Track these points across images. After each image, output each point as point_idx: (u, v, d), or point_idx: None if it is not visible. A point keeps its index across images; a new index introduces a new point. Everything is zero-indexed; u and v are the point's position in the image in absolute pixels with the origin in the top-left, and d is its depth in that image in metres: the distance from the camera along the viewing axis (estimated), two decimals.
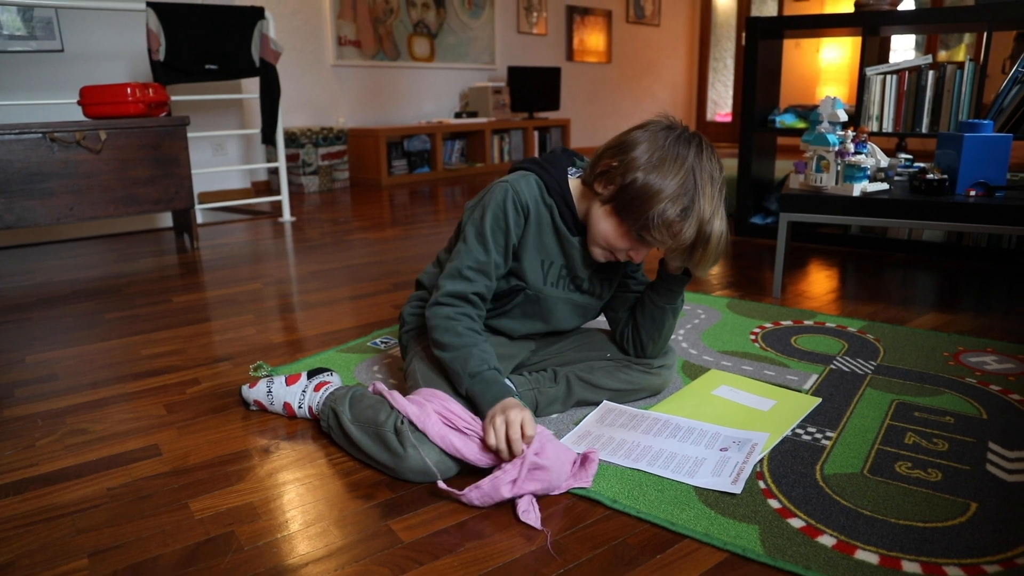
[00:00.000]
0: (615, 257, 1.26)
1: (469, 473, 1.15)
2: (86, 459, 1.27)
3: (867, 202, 2.03)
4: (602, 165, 1.21)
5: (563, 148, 1.36)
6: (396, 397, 1.18)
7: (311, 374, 1.41)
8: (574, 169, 1.32)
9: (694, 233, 1.16)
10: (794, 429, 1.31)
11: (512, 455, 1.08)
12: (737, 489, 1.10)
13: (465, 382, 1.20)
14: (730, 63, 8.65)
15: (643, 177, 1.15)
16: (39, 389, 1.59)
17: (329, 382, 1.39)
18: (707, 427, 1.30)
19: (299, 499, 1.12)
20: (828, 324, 1.91)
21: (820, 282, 2.39)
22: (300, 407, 1.38)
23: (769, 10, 8.13)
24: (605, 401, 1.41)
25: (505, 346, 1.38)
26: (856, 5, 2.90)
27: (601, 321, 1.54)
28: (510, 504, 1.09)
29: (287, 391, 1.39)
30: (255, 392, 1.43)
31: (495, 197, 1.25)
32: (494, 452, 1.11)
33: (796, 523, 1.02)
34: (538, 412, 1.36)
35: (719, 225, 1.17)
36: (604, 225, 1.22)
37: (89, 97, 2.81)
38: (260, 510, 1.10)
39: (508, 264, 1.28)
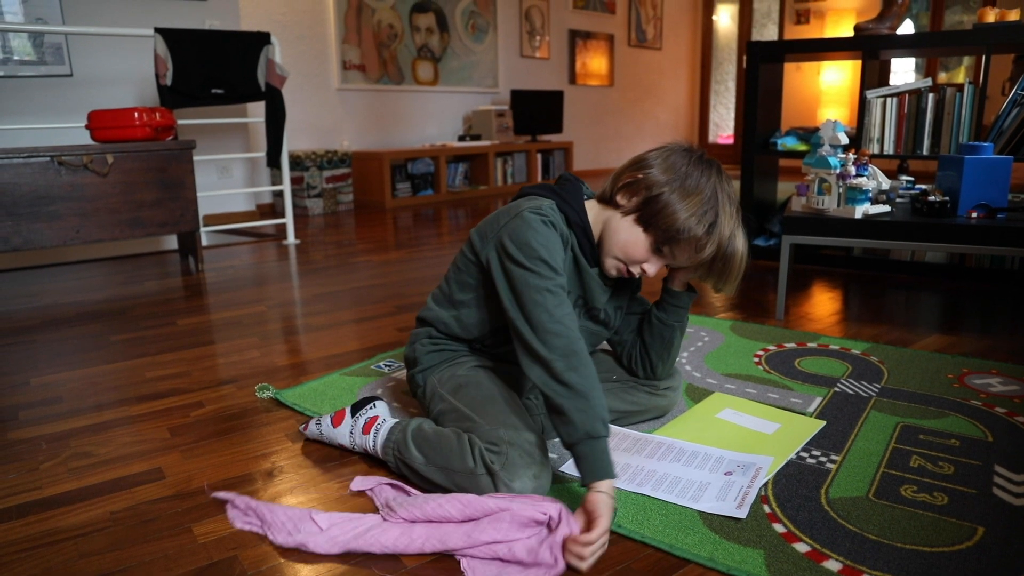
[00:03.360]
0: (627, 272, 1.25)
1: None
2: (89, 482, 1.27)
3: (869, 224, 2.04)
4: (626, 177, 1.23)
5: (571, 174, 1.35)
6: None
7: (355, 410, 1.34)
8: (584, 196, 1.31)
9: (714, 250, 1.19)
10: (799, 452, 1.30)
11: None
12: (742, 514, 1.09)
13: (581, 441, 1.06)
14: (731, 86, 8.72)
15: (670, 191, 1.18)
16: (43, 411, 1.59)
17: (376, 417, 1.31)
18: (711, 451, 1.30)
19: None
20: (832, 346, 1.91)
21: (823, 304, 2.39)
22: (354, 447, 1.32)
23: (770, 34, 8.21)
24: (609, 426, 1.40)
25: (514, 380, 1.36)
26: (856, 29, 2.93)
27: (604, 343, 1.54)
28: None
29: (336, 433, 1.34)
30: (310, 433, 1.39)
31: (530, 225, 1.16)
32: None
33: (802, 548, 1.02)
34: (547, 435, 1.35)
35: (741, 243, 1.21)
36: (625, 236, 1.22)
37: (97, 121, 2.85)
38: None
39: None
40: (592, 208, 1.28)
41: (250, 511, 1.13)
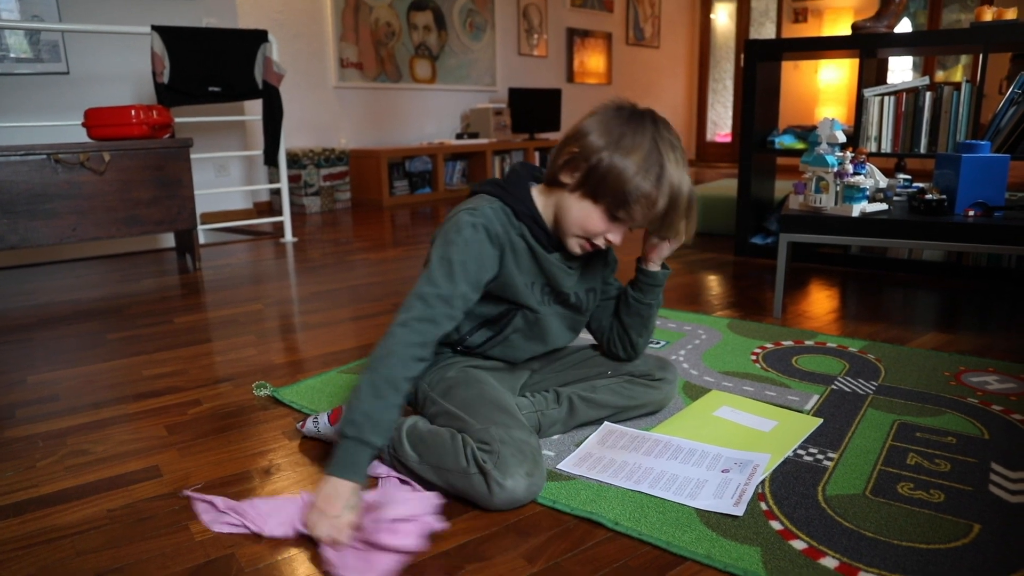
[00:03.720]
0: (591, 246, 1.25)
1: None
2: (86, 480, 1.26)
3: (866, 222, 2.04)
4: (564, 155, 1.21)
5: (522, 163, 1.35)
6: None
7: None
8: (533, 183, 1.30)
9: (667, 202, 1.18)
10: (795, 450, 1.31)
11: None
12: (739, 511, 1.09)
13: (344, 426, 1.09)
14: (729, 84, 8.73)
15: (609, 155, 1.16)
16: (40, 409, 1.59)
17: None
18: (708, 448, 1.30)
19: None
20: (829, 344, 1.91)
21: (821, 302, 2.39)
22: None
23: (768, 32, 8.21)
24: (606, 423, 1.41)
25: (506, 379, 1.37)
26: (853, 28, 2.93)
27: (588, 336, 1.53)
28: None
29: (333, 430, 1.34)
30: (308, 431, 1.39)
31: (463, 228, 1.19)
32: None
33: (798, 545, 1.02)
34: (541, 433, 1.35)
35: (688, 186, 1.20)
36: (577, 212, 1.21)
37: (94, 119, 2.84)
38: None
39: (478, 295, 1.23)
40: (541, 194, 1.27)
41: (230, 511, 1.12)
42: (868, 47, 2.78)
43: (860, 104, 2.78)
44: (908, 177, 2.55)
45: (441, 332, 1.18)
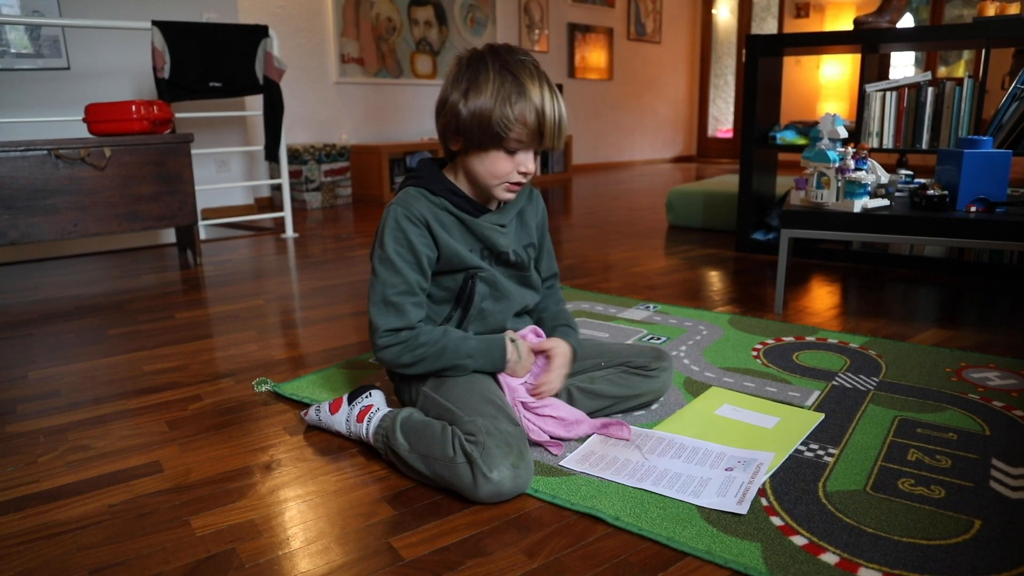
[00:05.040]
0: (515, 185, 1.30)
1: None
2: (87, 476, 1.27)
3: (868, 218, 2.04)
4: (439, 129, 1.31)
5: (424, 158, 1.42)
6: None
7: (351, 398, 1.37)
8: (439, 168, 1.38)
9: (535, 112, 1.22)
10: (797, 446, 1.31)
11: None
12: (743, 510, 1.09)
13: (467, 363, 1.28)
14: (731, 80, 8.71)
15: (465, 105, 1.23)
16: (41, 405, 1.59)
17: (371, 406, 1.33)
18: (712, 447, 1.30)
19: (300, 516, 1.12)
20: (830, 340, 1.91)
21: (822, 298, 2.39)
22: (350, 434, 1.35)
23: (769, 27, 8.19)
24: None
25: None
26: (855, 23, 2.92)
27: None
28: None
29: (333, 420, 1.37)
30: (310, 420, 1.42)
31: (388, 222, 1.29)
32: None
33: (799, 541, 1.02)
34: None
35: (549, 96, 1.24)
36: (480, 166, 1.28)
37: (94, 114, 2.84)
38: (262, 527, 1.09)
39: (428, 279, 1.31)
40: (450, 171, 1.36)
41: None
42: (870, 42, 2.77)
43: (862, 99, 2.77)
44: (910, 173, 2.55)
45: (418, 319, 1.29)
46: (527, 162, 1.28)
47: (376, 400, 1.36)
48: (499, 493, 1.11)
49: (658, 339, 1.93)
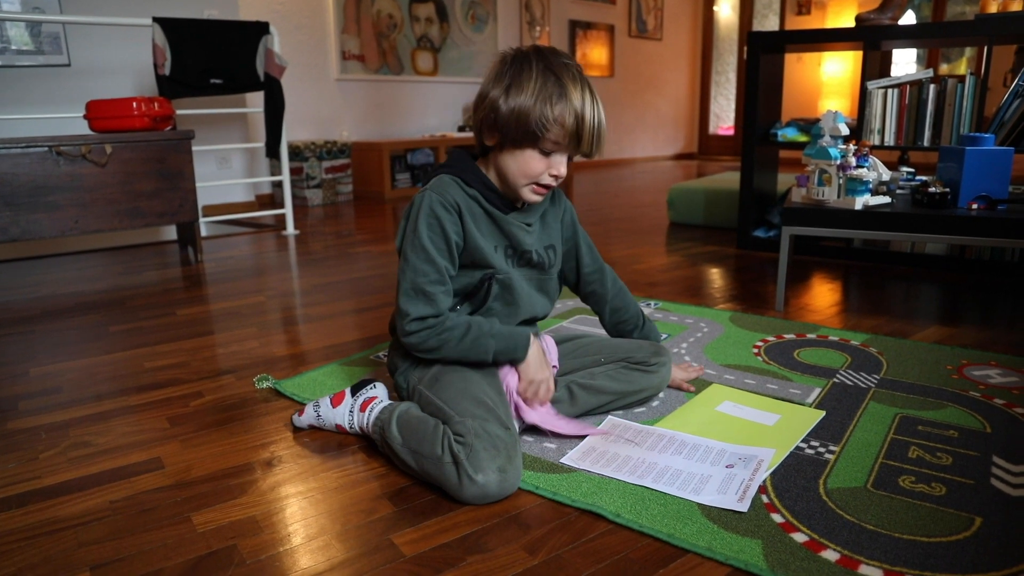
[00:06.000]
0: (544, 187, 1.30)
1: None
2: (89, 472, 1.27)
3: (869, 215, 2.04)
4: (476, 123, 1.30)
5: (457, 148, 1.42)
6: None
7: (354, 390, 1.38)
8: (473, 160, 1.39)
9: (575, 116, 1.22)
10: (797, 443, 1.31)
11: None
12: (743, 507, 1.09)
13: (490, 343, 1.27)
14: (732, 77, 8.70)
15: (506, 103, 1.23)
16: (43, 401, 1.59)
17: (374, 397, 1.36)
18: (712, 444, 1.30)
19: (301, 513, 1.12)
20: (831, 337, 1.91)
21: (823, 295, 2.39)
22: (352, 427, 1.36)
23: (771, 24, 8.18)
24: (610, 416, 1.41)
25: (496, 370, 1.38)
26: (857, 20, 2.91)
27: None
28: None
29: (335, 413, 1.37)
30: (305, 418, 1.41)
31: (422, 207, 1.28)
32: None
33: (799, 538, 1.02)
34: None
35: (590, 101, 1.24)
36: (513, 164, 1.28)
37: (95, 111, 2.84)
38: (262, 524, 1.09)
39: (456, 266, 1.31)
40: (481, 165, 1.35)
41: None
42: (872, 39, 2.77)
43: (863, 97, 2.76)
44: (911, 170, 2.55)
45: (447, 307, 1.29)
46: (560, 165, 1.28)
47: (379, 393, 1.38)
48: (484, 496, 1.11)
49: (660, 336, 1.93)
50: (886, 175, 2.24)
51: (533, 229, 1.38)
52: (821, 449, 1.28)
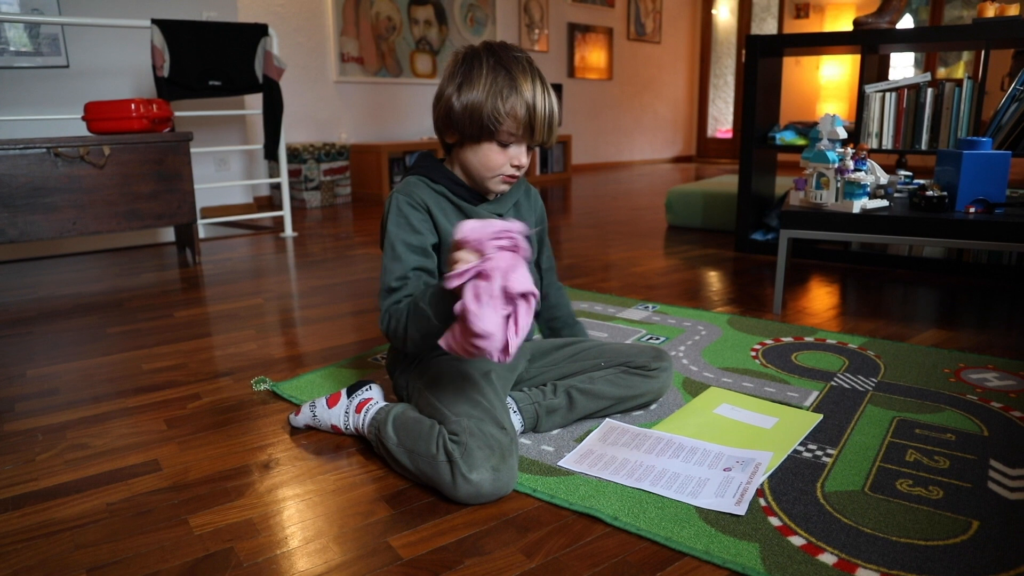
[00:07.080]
0: (510, 178, 1.32)
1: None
2: (86, 474, 1.27)
3: (867, 219, 2.04)
4: (436, 123, 1.34)
5: (422, 152, 1.45)
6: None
7: (350, 392, 1.39)
8: (439, 160, 1.42)
9: (528, 108, 1.25)
10: (795, 447, 1.31)
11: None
12: (741, 510, 1.09)
13: (428, 312, 1.16)
14: (730, 80, 8.71)
15: (460, 94, 1.26)
16: (40, 403, 1.59)
17: (370, 399, 1.36)
18: (710, 447, 1.30)
19: (299, 515, 1.12)
20: (829, 341, 1.91)
21: (821, 298, 2.39)
22: (347, 428, 1.36)
23: (769, 28, 8.19)
24: (607, 419, 1.41)
25: (502, 374, 1.36)
26: (855, 23, 2.92)
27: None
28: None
29: (331, 413, 1.38)
30: (302, 418, 1.41)
31: (391, 210, 1.32)
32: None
33: (797, 541, 1.02)
34: (539, 427, 1.36)
35: (541, 92, 1.27)
36: (474, 158, 1.31)
37: (93, 113, 2.84)
38: (260, 526, 1.09)
39: (433, 259, 1.32)
40: (448, 164, 1.39)
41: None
42: (870, 43, 2.77)
43: (861, 100, 2.77)
44: (909, 173, 2.55)
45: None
46: (520, 156, 1.31)
47: (375, 394, 1.38)
48: (478, 495, 1.11)
49: (657, 339, 1.93)
50: (884, 179, 2.24)
51: (505, 219, 1.39)
52: (819, 452, 1.28)
